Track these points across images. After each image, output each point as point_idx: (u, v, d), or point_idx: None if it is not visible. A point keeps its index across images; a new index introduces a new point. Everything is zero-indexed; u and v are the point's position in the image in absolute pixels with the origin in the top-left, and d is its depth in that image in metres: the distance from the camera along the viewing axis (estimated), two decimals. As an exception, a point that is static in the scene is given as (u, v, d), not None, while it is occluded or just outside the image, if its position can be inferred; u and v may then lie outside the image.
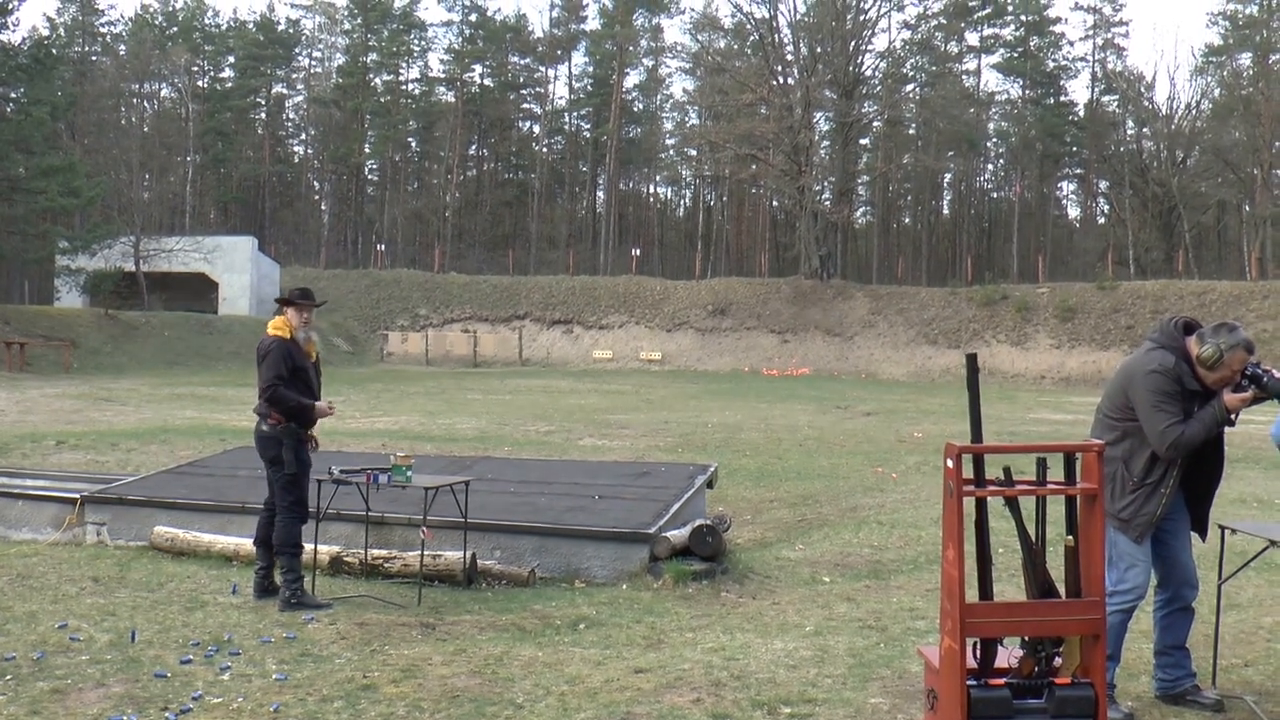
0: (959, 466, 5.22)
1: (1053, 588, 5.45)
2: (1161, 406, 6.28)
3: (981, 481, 5.41)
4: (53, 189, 52.26)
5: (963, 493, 5.24)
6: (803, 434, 25.37)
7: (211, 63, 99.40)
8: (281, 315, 9.43)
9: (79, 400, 31.26)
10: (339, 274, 73.72)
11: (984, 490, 5.38)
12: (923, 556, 11.51)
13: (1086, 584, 5.35)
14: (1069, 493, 5.41)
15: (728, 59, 78.49)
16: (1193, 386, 6.35)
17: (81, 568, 10.30)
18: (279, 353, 9.16)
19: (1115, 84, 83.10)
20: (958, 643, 5.15)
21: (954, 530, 5.23)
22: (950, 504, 5.26)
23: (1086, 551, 5.37)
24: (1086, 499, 5.37)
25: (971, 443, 5.44)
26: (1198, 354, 6.37)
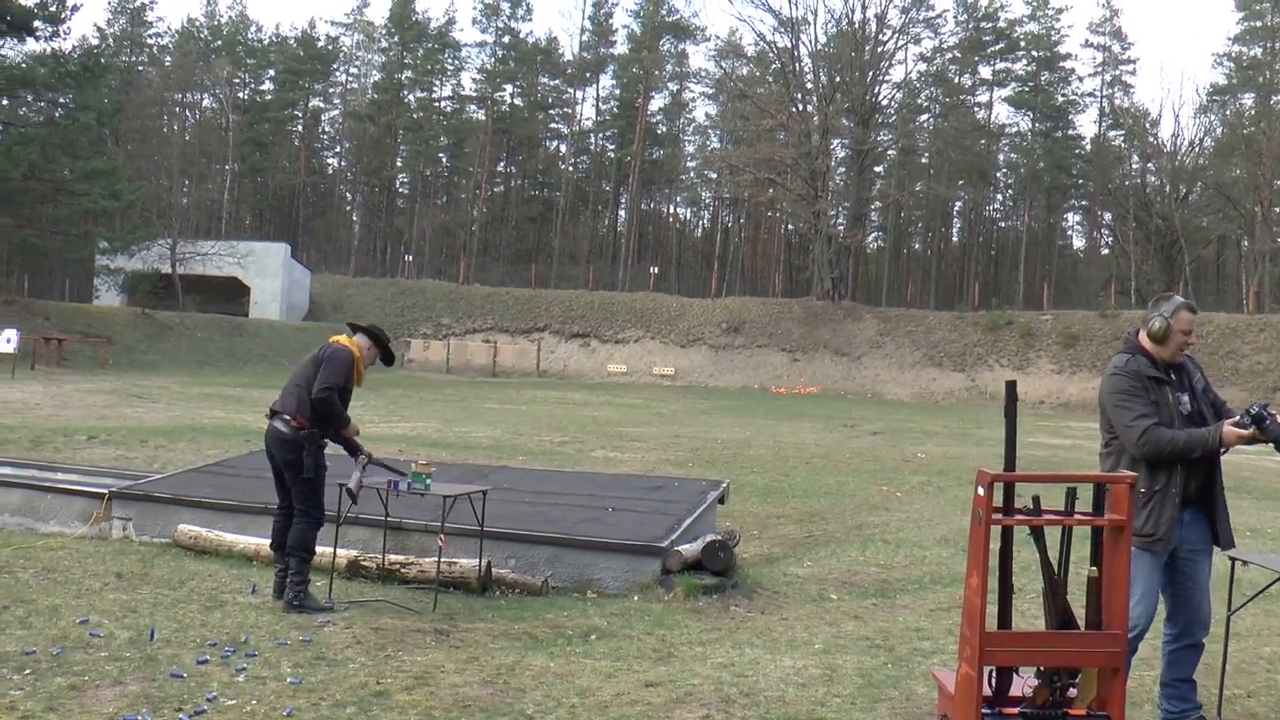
0: (990, 494, 5.06)
1: (1072, 619, 5.28)
2: (1124, 404, 6.14)
3: (1010, 510, 5.24)
4: (95, 192, 52.44)
5: (991, 521, 5.07)
6: (810, 452, 25.21)
7: (252, 75, 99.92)
8: (354, 338, 9.26)
9: (112, 396, 31.23)
10: (367, 282, 73.94)
11: (1012, 519, 5.21)
12: (928, 576, 11.35)
13: (1108, 616, 5.16)
14: (1096, 524, 5.25)
15: (750, 86, 78.48)
16: (1153, 374, 6.19)
17: (106, 563, 10.13)
18: (347, 364, 8.98)
19: (1122, 119, 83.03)
20: (975, 670, 4.99)
21: (979, 558, 5.05)
22: (977, 531, 5.09)
23: (1109, 584, 5.19)
24: (1113, 531, 5.20)
25: (1005, 470, 5.27)
26: (1147, 331, 6.24)
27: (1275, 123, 70.43)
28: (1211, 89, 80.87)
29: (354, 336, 9.30)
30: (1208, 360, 52.27)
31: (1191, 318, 6.24)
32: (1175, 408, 6.16)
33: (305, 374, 8.94)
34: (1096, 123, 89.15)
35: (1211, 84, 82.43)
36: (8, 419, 23.09)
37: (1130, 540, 5.24)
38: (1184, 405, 6.21)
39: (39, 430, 20.88)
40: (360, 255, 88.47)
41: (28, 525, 12.20)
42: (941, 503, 17.08)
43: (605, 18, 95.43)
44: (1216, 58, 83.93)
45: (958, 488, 18.85)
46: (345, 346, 9.04)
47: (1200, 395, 6.28)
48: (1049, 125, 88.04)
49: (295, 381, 8.98)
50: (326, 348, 9.01)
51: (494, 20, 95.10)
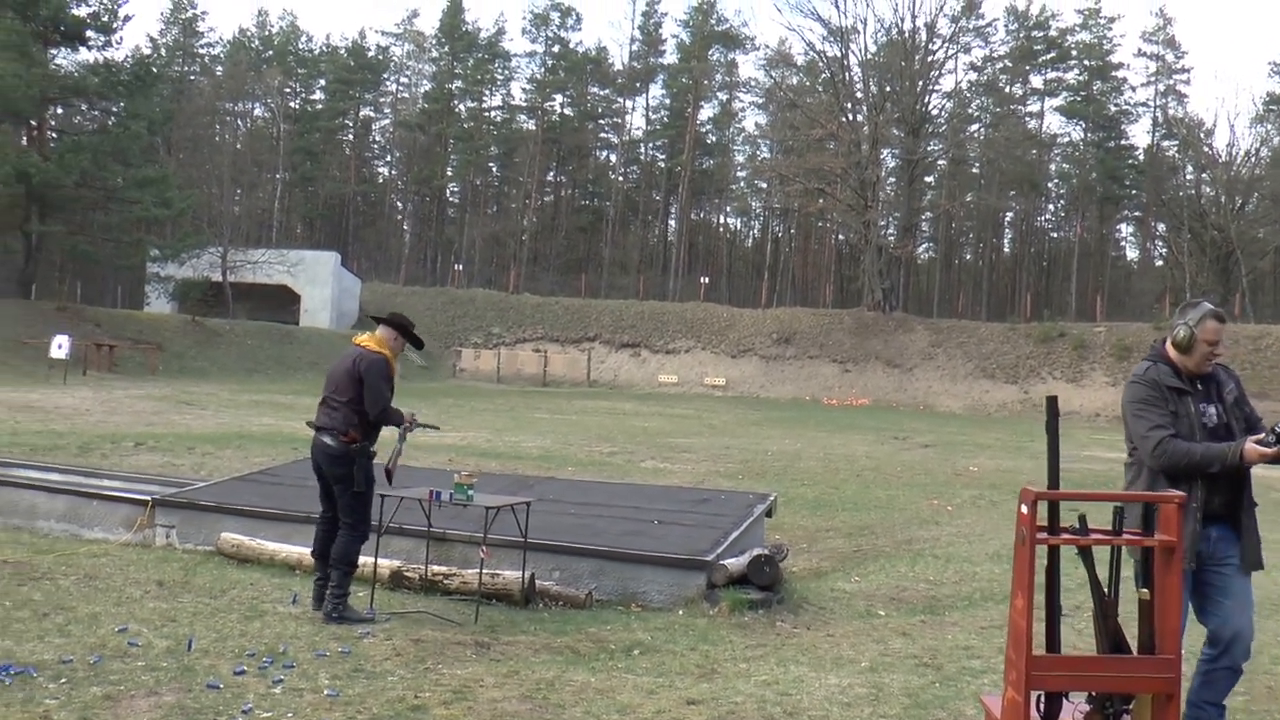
0: (1033, 512, 4.90)
1: (1124, 642, 5.10)
2: (1141, 414, 5.96)
3: (1056, 529, 5.07)
4: (147, 199, 52.92)
5: (1035, 540, 4.91)
6: (860, 464, 25.04)
7: (303, 85, 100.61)
8: (376, 334, 9.19)
9: (161, 403, 31.39)
10: (417, 291, 74.15)
11: (1058, 538, 5.05)
12: (978, 593, 11.17)
13: (1160, 640, 4.99)
14: (1146, 544, 5.07)
15: (799, 95, 78.35)
16: (1174, 384, 5.97)
17: (148, 570, 10.09)
18: (386, 371, 8.93)
19: (1176, 129, 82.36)
20: (1022, 695, 4.83)
21: (1024, 578, 4.89)
22: (1022, 551, 4.93)
23: (1162, 606, 5.01)
24: (1164, 552, 5.03)
25: (1048, 488, 5.10)
26: (1171, 340, 6.04)
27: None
28: (1268, 98, 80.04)
29: (377, 331, 9.22)
30: (1268, 374, 51.62)
31: (1218, 327, 6.01)
32: (1197, 419, 5.94)
33: (345, 388, 8.85)
34: (1150, 133, 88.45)
35: (1268, 93, 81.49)
36: (58, 425, 23.24)
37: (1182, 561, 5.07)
38: (1209, 417, 5.99)
39: (87, 436, 20.96)
40: (410, 264, 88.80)
41: (72, 531, 12.21)
42: (994, 517, 16.87)
43: (655, 27, 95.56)
44: (1273, 66, 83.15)
45: (1010, 502, 18.60)
46: (376, 353, 8.96)
47: (1230, 408, 6.03)
48: (1101, 135, 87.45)
49: (336, 396, 8.88)
50: (360, 359, 8.90)
51: (544, 30, 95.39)
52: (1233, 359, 53.63)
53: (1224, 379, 6.12)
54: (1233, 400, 6.05)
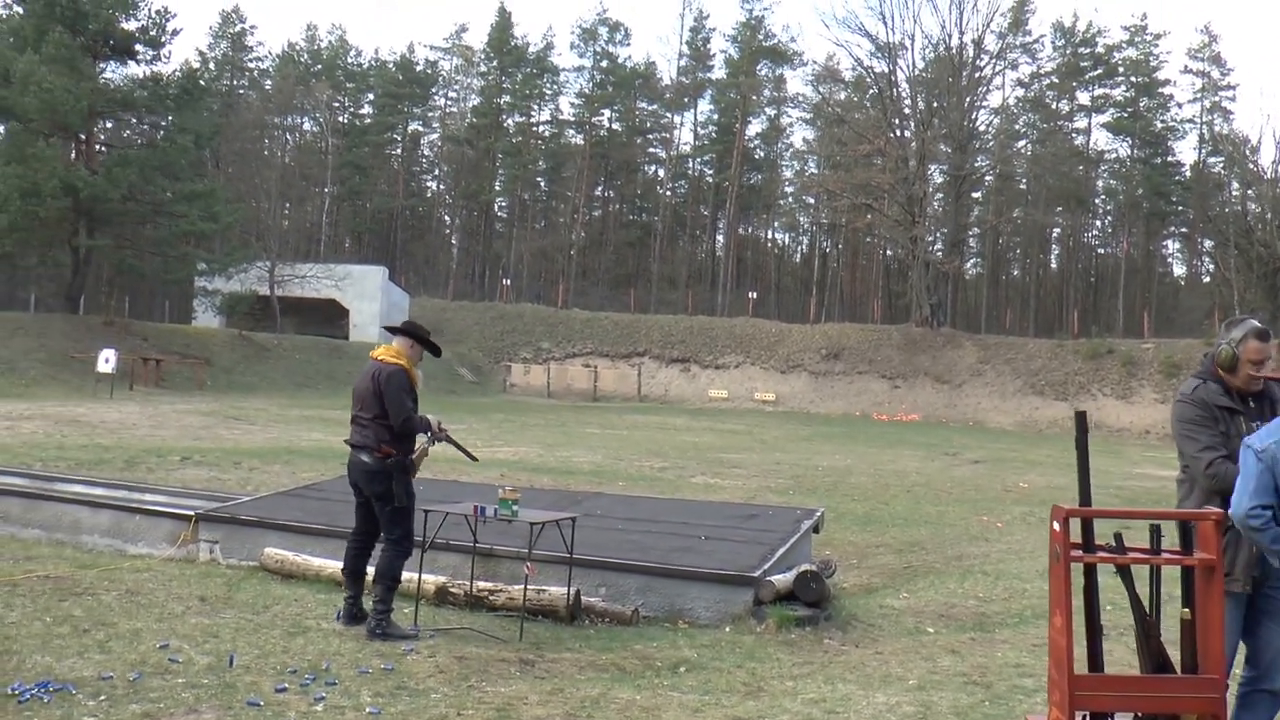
0: (1066, 530, 4.79)
1: (1168, 662, 4.98)
2: (1191, 435, 5.84)
3: (1091, 546, 4.95)
4: (194, 213, 53.14)
5: (1070, 558, 4.80)
6: (910, 480, 24.90)
7: (352, 99, 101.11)
8: (393, 345, 9.13)
9: (209, 417, 31.47)
10: (465, 305, 74.35)
11: (1093, 556, 4.93)
12: (1028, 610, 11.05)
13: (1204, 660, 4.89)
14: (1185, 563, 4.95)
15: (847, 111, 78.25)
16: (1223, 403, 5.84)
17: (191, 586, 10.07)
18: (405, 383, 8.88)
19: (1221, 146, 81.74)
20: (1066, 715, 4.73)
21: (1061, 597, 4.81)
22: (1057, 569, 4.83)
23: (1204, 626, 4.91)
24: (1204, 570, 4.91)
25: (1080, 505, 4.99)
26: (1215, 359, 5.88)
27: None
28: (1312, 115, 79.47)
29: (394, 342, 9.17)
30: (1317, 389, 50.95)
31: (1262, 346, 5.86)
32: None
33: (370, 404, 8.85)
34: (1196, 149, 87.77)
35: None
36: (104, 439, 23.34)
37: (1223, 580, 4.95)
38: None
39: (133, 451, 21.04)
40: (458, 279, 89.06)
41: (116, 546, 12.25)
42: (1044, 534, 16.48)
43: (703, 42, 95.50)
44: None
45: (1059, 518, 18.40)
46: (395, 365, 8.93)
47: None
48: (1148, 152, 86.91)
49: (364, 414, 8.89)
50: (379, 373, 8.88)
51: (592, 45, 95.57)
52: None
53: (1278, 394, 5.95)
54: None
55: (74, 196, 49.03)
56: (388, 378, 8.80)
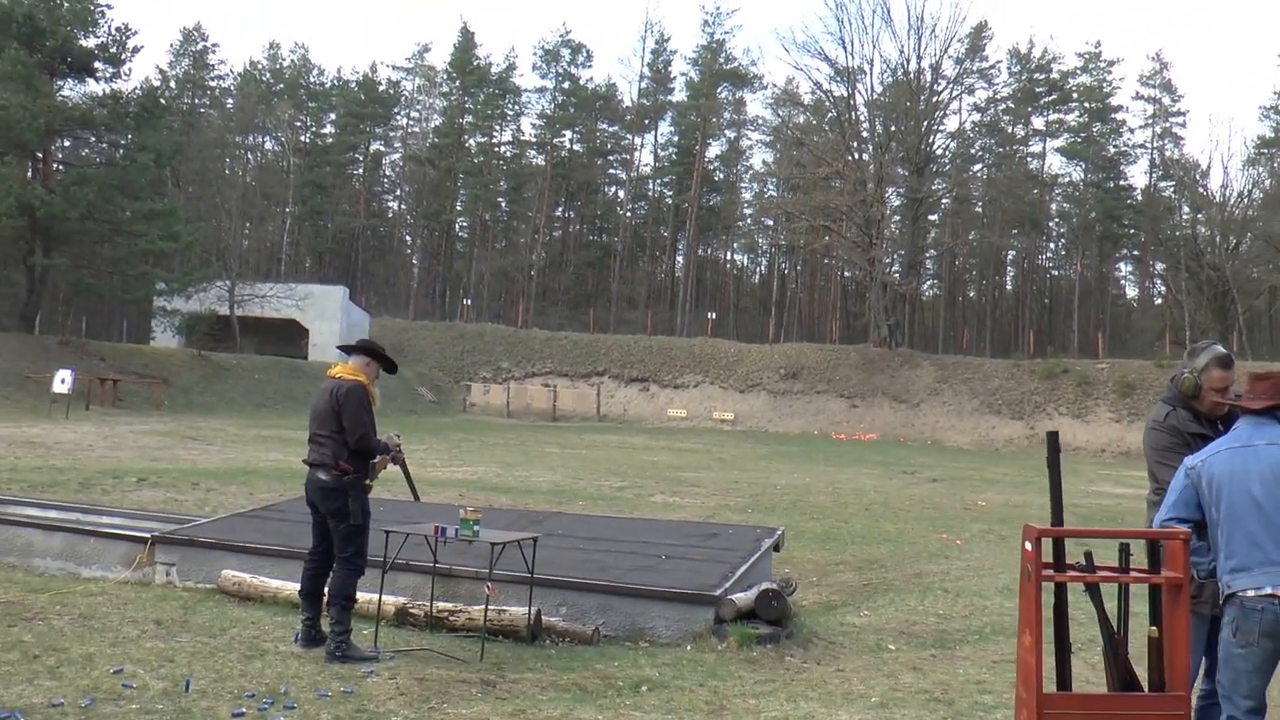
0: (1038, 549, 4.75)
1: (1135, 680, 4.95)
2: (1165, 462, 5.85)
3: (1062, 566, 4.92)
4: (154, 232, 52.70)
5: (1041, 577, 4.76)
6: (869, 498, 24.90)
7: (314, 119, 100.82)
8: (349, 363, 9.04)
9: (166, 438, 31.13)
10: (426, 325, 74.15)
11: (1064, 575, 4.90)
12: (988, 626, 11.05)
13: (1170, 678, 4.86)
14: (1153, 581, 4.92)
15: (806, 134, 78.52)
16: (1194, 429, 5.88)
17: (146, 609, 9.87)
18: (363, 399, 8.81)
19: (1172, 171, 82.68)
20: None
21: (1031, 616, 4.76)
22: (1028, 588, 4.80)
23: (1171, 644, 4.88)
24: (1171, 589, 4.89)
25: (1052, 525, 4.96)
26: (1180, 387, 5.88)
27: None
28: (1259, 141, 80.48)
29: (350, 360, 9.09)
30: (1267, 409, 51.49)
31: (1224, 375, 5.92)
32: None
33: (328, 422, 8.77)
34: (1147, 173, 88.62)
35: (1259, 136, 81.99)
36: (59, 460, 23.03)
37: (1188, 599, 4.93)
38: None
39: (89, 472, 20.74)
40: (419, 298, 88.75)
41: (69, 570, 12.01)
42: (1003, 551, 16.71)
43: (664, 65, 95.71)
44: (1264, 110, 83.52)
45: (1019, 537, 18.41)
46: (352, 382, 8.86)
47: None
48: (1101, 176, 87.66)
49: (322, 432, 8.80)
50: (337, 390, 8.81)
51: (554, 66, 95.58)
52: (1233, 395, 53.50)
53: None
54: None
55: (30, 215, 48.59)
56: (346, 394, 8.73)
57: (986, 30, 79.55)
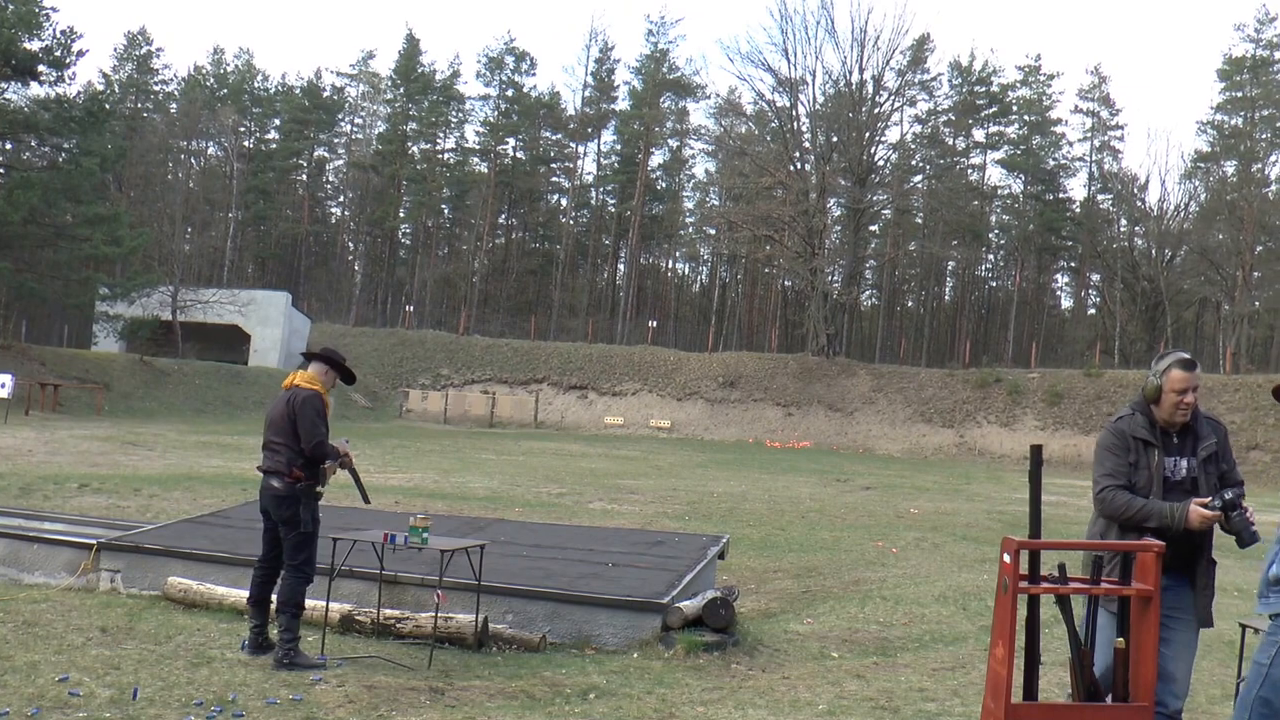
0: (1016, 561, 4.78)
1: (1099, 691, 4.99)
2: (1100, 460, 5.89)
3: (1036, 577, 4.96)
4: (97, 237, 51.95)
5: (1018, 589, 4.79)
6: (805, 506, 24.96)
7: (258, 124, 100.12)
8: (307, 371, 9.01)
9: (107, 443, 30.72)
10: (367, 331, 73.74)
11: (1038, 587, 4.93)
12: (928, 635, 11.10)
13: (1135, 688, 4.89)
14: (1124, 593, 4.97)
15: (748, 143, 78.52)
16: (1141, 435, 5.88)
17: (91, 616, 9.72)
18: (319, 407, 8.76)
19: (1110, 184, 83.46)
20: (1000, 745, 4.71)
21: (1005, 628, 4.78)
22: (1004, 600, 4.82)
23: (1137, 655, 4.92)
24: (1140, 601, 4.93)
25: (1030, 537, 5.00)
26: (1144, 393, 5.95)
27: (1256, 190, 71.38)
28: (1196, 155, 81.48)
29: (309, 367, 9.06)
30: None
31: (1184, 375, 5.89)
32: (1158, 472, 5.83)
33: (284, 429, 8.71)
34: (1086, 186, 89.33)
35: (1196, 151, 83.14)
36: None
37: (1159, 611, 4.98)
38: (1177, 471, 5.87)
39: (29, 478, 20.47)
40: (361, 305, 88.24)
41: (11, 576, 11.80)
42: (938, 559, 16.81)
43: (607, 74, 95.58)
44: (1200, 125, 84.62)
45: (953, 544, 18.59)
46: (309, 390, 8.82)
47: (1204, 463, 5.89)
48: (1040, 188, 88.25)
49: (277, 439, 8.73)
50: (294, 398, 8.76)
51: (498, 74, 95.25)
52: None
53: (1205, 433, 5.98)
54: (1207, 455, 5.90)
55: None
56: (303, 401, 8.69)
57: (928, 43, 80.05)
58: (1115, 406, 54.06)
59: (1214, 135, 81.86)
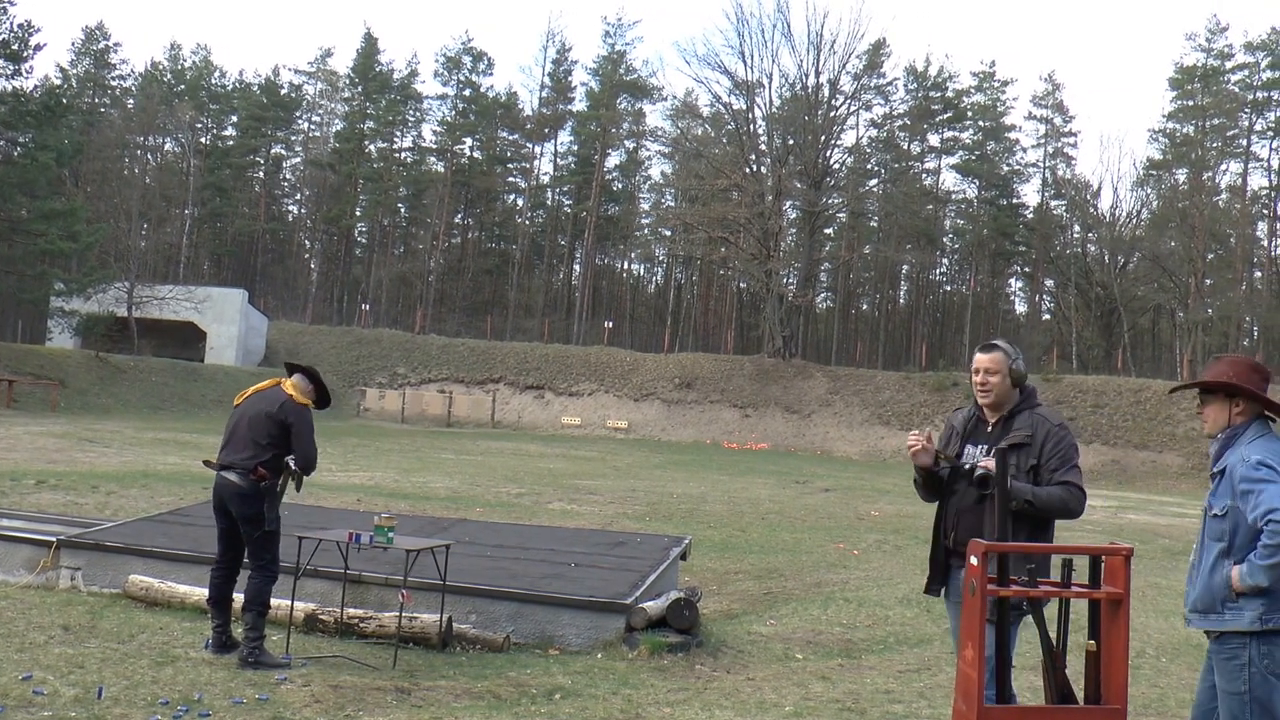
0: (984, 564, 4.76)
1: (1071, 693, 4.98)
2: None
3: (1005, 580, 4.94)
4: (52, 232, 51.47)
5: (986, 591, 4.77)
6: (764, 507, 24.99)
7: (215, 121, 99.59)
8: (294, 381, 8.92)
9: (63, 440, 30.42)
10: (323, 330, 73.43)
11: (1008, 590, 4.91)
12: (892, 636, 11.10)
13: (1106, 690, 4.88)
14: (1093, 596, 4.95)
15: (705, 146, 78.57)
16: (958, 425, 6.15)
17: (52, 614, 9.60)
18: (312, 423, 8.77)
19: (1063, 190, 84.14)
20: (972, 747, 4.69)
21: (975, 630, 4.76)
22: (972, 603, 4.80)
23: (1108, 657, 4.91)
24: (1110, 603, 4.91)
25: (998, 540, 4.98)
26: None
27: (1206, 198, 72.11)
28: (1148, 163, 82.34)
29: (292, 377, 8.98)
30: (1147, 426, 52.92)
31: (979, 356, 6.10)
32: (950, 456, 6.01)
33: (264, 430, 8.61)
34: (1039, 192, 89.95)
35: (1148, 158, 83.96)
36: (-48, 462, 22.47)
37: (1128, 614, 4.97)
38: (970, 457, 5.97)
39: (-15, 474, 20.26)
40: (317, 303, 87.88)
41: (-31, 574, 11.65)
42: (899, 561, 16.83)
43: (564, 75, 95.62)
44: (1152, 133, 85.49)
45: (914, 546, 18.61)
46: (304, 405, 8.77)
47: (1003, 451, 5.70)
48: (994, 193, 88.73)
49: (251, 436, 8.62)
50: (287, 407, 8.67)
51: (455, 74, 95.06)
52: (1115, 410, 54.76)
53: (1020, 425, 5.97)
54: (1009, 444, 5.82)
55: (-75, 214, 47.40)
56: (299, 416, 8.65)
57: (884, 48, 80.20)
58: (1075, 411, 54.56)
59: (1165, 143, 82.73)
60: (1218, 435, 5.15)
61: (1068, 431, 5.95)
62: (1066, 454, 5.81)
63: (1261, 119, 78.03)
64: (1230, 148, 79.08)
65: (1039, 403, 6.04)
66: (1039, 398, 6.13)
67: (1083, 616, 5.25)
